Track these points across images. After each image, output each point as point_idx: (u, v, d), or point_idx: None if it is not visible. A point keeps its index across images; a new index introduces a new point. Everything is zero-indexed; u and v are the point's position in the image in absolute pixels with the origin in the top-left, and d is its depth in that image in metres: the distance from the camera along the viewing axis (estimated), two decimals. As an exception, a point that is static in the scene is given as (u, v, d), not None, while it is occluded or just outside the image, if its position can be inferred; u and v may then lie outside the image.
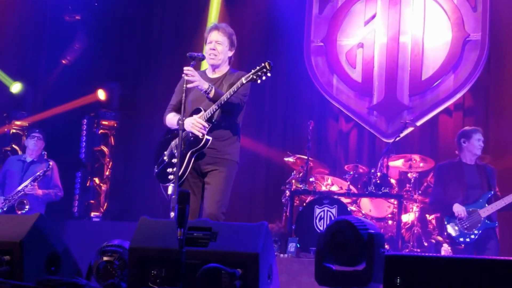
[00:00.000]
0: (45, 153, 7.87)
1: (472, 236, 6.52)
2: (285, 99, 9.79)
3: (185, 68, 4.97)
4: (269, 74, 4.83)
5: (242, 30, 10.08)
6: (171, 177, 5.01)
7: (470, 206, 6.57)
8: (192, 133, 4.97)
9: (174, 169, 4.96)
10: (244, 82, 4.85)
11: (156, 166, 5.24)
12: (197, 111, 5.08)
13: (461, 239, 6.57)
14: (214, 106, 4.95)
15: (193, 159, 4.98)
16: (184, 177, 4.98)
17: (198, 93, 5.10)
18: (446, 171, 6.89)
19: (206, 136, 4.95)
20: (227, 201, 5.06)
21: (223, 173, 5.02)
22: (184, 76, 4.96)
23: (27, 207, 7.46)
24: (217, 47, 5.18)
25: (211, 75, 5.27)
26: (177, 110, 5.24)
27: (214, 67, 5.25)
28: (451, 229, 6.61)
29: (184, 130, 4.94)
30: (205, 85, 4.93)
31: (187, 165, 4.97)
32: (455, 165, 6.87)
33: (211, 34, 5.21)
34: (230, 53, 5.28)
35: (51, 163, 7.71)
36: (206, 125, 4.94)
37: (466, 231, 6.54)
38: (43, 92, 10.31)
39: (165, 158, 5.17)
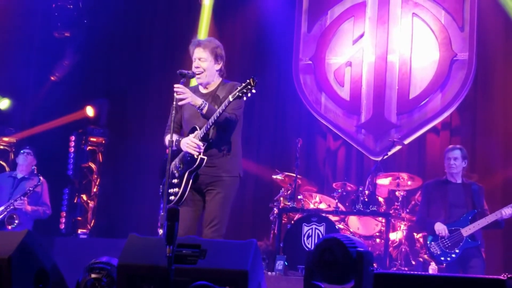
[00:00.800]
0: (35, 168, 7.87)
1: (453, 255, 6.54)
2: (273, 116, 9.82)
3: (175, 85, 4.95)
4: (254, 91, 4.81)
5: (231, 46, 10.11)
6: (172, 197, 4.99)
7: (452, 225, 6.60)
8: (188, 153, 4.96)
9: (175, 189, 4.98)
10: (231, 100, 4.82)
11: (161, 186, 5.19)
12: (193, 130, 5.06)
13: (442, 258, 6.60)
14: (207, 124, 4.92)
15: (191, 179, 4.97)
16: (184, 197, 4.97)
17: (192, 111, 5.09)
18: (431, 189, 6.93)
19: (201, 156, 4.93)
20: (225, 222, 5.04)
21: (221, 194, 5.01)
22: (174, 94, 4.94)
23: (16, 221, 7.45)
24: (201, 64, 5.14)
25: (203, 90, 5.23)
26: (175, 130, 5.17)
27: (204, 84, 5.22)
28: (433, 248, 6.64)
29: (176, 148, 4.94)
30: (198, 101, 4.92)
31: (185, 185, 4.96)
32: (440, 183, 6.92)
33: (194, 51, 5.17)
34: (218, 66, 5.22)
35: (41, 178, 7.71)
36: (201, 144, 4.92)
37: (447, 250, 6.57)
38: (31, 108, 10.28)
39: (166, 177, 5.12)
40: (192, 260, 3.62)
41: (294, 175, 8.09)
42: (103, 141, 10.04)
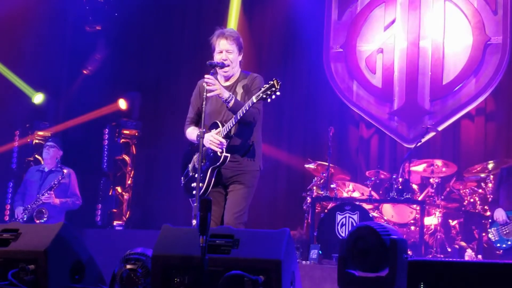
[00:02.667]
0: (58, 160, 7.89)
1: (509, 242, 6.43)
2: (304, 105, 9.79)
3: (206, 76, 4.92)
4: (278, 93, 4.70)
5: (261, 37, 10.14)
6: (194, 192, 4.95)
7: None
8: (211, 149, 4.96)
9: (200, 184, 4.90)
10: (254, 101, 4.73)
11: (182, 178, 5.26)
12: (214, 125, 5.04)
13: (499, 245, 6.51)
14: (230, 123, 4.89)
15: (214, 174, 4.97)
16: (208, 192, 4.97)
17: (214, 105, 5.08)
18: (503, 173, 6.78)
19: (224, 154, 4.92)
20: (246, 211, 5.03)
21: (243, 185, 5.01)
22: (204, 84, 4.91)
23: (45, 216, 7.50)
24: (228, 56, 5.05)
25: (223, 82, 5.16)
26: (196, 123, 5.24)
27: (229, 77, 5.16)
28: (491, 234, 6.54)
29: (198, 142, 4.94)
30: (226, 94, 4.88)
31: (209, 181, 4.96)
32: None
33: (219, 43, 5.08)
34: (240, 57, 5.13)
35: (65, 171, 7.71)
36: (224, 141, 4.90)
37: (505, 237, 6.46)
38: (65, 102, 10.40)
39: (189, 171, 5.18)
40: (225, 250, 3.63)
41: (327, 164, 8.06)
42: (136, 134, 10.10)
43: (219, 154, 4.92)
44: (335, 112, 9.69)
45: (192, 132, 5.18)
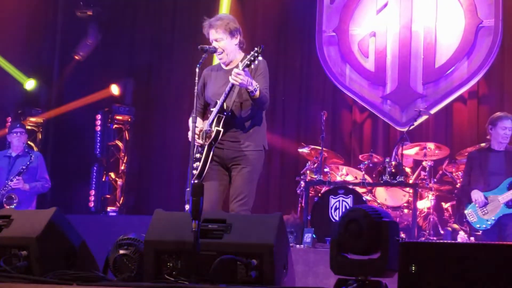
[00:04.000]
0: (25, 145, 7.80)
1: (489, 222, 6.48)
2: (298, 90, 9.79)
3: (236, 71, 4.78)
4: (260, 58, 4.79)
5: (254, 21, 10.11)
6: (194, 171, 4.96)
7: (491, 193, 6.52)
8: (209, 125, 4.95)
9: (197, 163, 4.96)
10: (240, 69, 4.77)
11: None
12: (216, 104, 5.00)
13: (478, 226, 6.54)
14: (226, 90, 4.88)
15: (211, 152, 4.95)
16: (206, 169, 4.95)
17: (215, 87, 5.06)
18: (473, 158, 6.82)
19: (217, 128, 4.91)
20: (252, 196, 5.03)
21: (247, 168, 4.98)
22: (232, 81, 4.79)
23: (15, 201, 7.41)
24: (218, 45, 5.05)
25: (225, 67, 5.16)
26: (201, 114, 5.20)
27: (227, 62, 5.14)
28: (470, 216, 6.57)
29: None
30: (251, 85, 4.79)
31: (205, 159, 4.94)
32: (483, 152, 6.81)
33: (209, 34, 5.09)
34: (236, 41, 5.10)
35: (32, 155, 7.61)
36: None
37: (484, 217, 6.50)
38: (57, 88, 10.37)
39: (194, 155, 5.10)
40: (217, 234, 3.63)
41: (320, 148, 8.07)
42: (129, 119, 10.08)
43: (213, 128, 4.91)
44: (328, 96, 9.69)
45: (190, 122, 5.05)
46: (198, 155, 4.99)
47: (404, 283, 3.07)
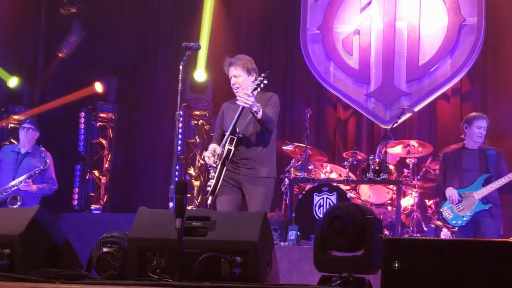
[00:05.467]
0: (43, 149, 7.57)
1: (465, 219, 6.54)
2: (282, 87, 9.79)
3: (245, 92, 5.13)
4: (265, 82, 5.22)
5: (238, 19, 10.12)
6: (208, 188, 5.40)
7: (465, 190, 6.58)
8: (222, 146, 5.33)
9: (211, 181, 5.37)
10: (249, 91, 5.14)
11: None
12: (229, 134, 5.36)
13: (454, 222, 6.60)
14: (237, 114, 5.28)
15: (224, 169, 5.32)
16: (218, 186, 5.32)
17: (231, 119, 5.37)
18: (448, 157, 6.89)
19: (228, 147, 5.28)
20: None
21: (261, 197, 5.35)
22: (241, 102, 5.12)
23: (18, 203, 7.31)
24: (237, 80, 5.45)
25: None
26: (218, 142, 5.53)
27: None
28: (446, 212, 6.64)
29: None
30: (254, 107, 5.15)
31: (218, 175, 5.32)
32: (457, 151, 6.88)
33: (229, 71, 5.51)
34: (252, 78, 5.47)
35: (48, 160, 7.49)
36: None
37: (460, 214, 6.56)
38: (40, 86, 10.31)
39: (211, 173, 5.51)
40: (201, 232, 3.63)
41: (304, 145, 8.09)
42: (113, 117, 10.02)
43: (225, 148, 5.29)
44: (313, 93, 9.71)
45: (210, 147, 5.53)
46: (212, 174, 5.40)
47: (388, 280, 3.09)
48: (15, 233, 3.78)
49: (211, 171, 5.47)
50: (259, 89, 5.23)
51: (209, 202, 5.44)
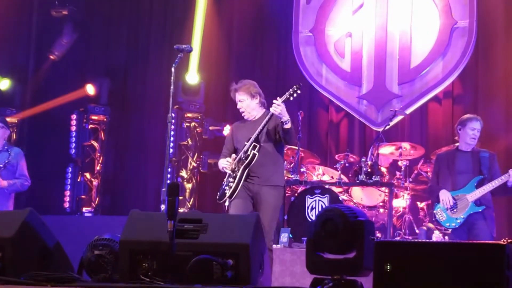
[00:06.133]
0: (5, 141, 7.43)
1: (458, 221, 6.54)
2: (274, 89, 9.74)
3: (275, 102, 5.51)
4: (299, 92, 5.68)
5: (230, 21, 10.12)
6: (226, 192, 5.70)
7: (459, 192, 6.58)
8: (244, 152, 5.63)
9: (230, 184, 5.68)
10: (280, 101, 5.51)
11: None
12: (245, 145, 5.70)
13: (447, 224, 6.60)
14: (261, 126, 5.60)
15: (245, 174, 5.63)
16: (238, 189, 5.63)
17: (244, 134, 5.77)
18: (441, 159, 6.89)
19: (253, 152, 5.60)
20: (274, 228, 5.83)
21: (271, 205, 5.66)
22: (273, 110, 5.51)
23: None
24: (242, 105, 5.86)
25: (253, 119, 5.89)
26: (226, 156, 5.89)
27: (251, 118, 5.89)
28: (439, 214, 6.64)
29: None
30: (285, 116, 5.53)
31: (239, 179, 5.64)
32: (450, 153, 6.88)
33: (235, 97, 5.90)
34: (256, 101, 5.86)
35: (11, 152, 7.32)
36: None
37: (453, 216, 6.56)
38: (31, 88, 10.27)
39: (225, 181, 5.81)
40: (193, 234, 3.63)
41: (297, 148, 8.08)
42: (105, 119, 10.02)
43: (249, 152, 5.61)
44: (305, 96, 9.69)
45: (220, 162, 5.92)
46: (231, 179, 5.72)
47: (379, 282, 3.09)
48: (6, 236, 3.77)
49: (226, 177, 5.77)
50: (291, 99, 5.62)
51: (226, 204, 5.72)
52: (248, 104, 5.85)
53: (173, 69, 5.07)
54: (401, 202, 8.01)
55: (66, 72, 10.12)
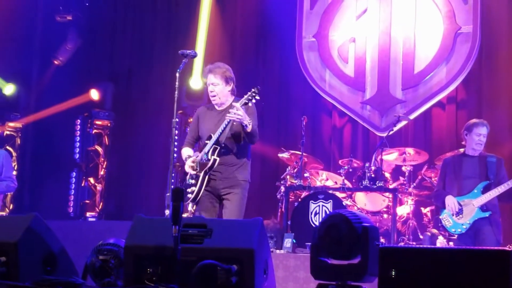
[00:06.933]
0: None
1: (464, 227, 6.52)
2: (278, 95, 9.80)
3: (235, 104, 5.32)
4: (257, 97, 5.41)
5: (233, 26, 10.13)
6: (189, 195, 5.53)
7: (465, 197, 6.56)
8: (205, 154, 5.47)
9: (192, 188, 5.53)
10: (238, 106, 5.29)
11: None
12: (209, 138, 5.53)
13: (453, 230, 6.58)
14: (222, 125, 5.42)
15: (206, 178, 5.50)
16: (200, 194, 5.51)
17: (208, 124, 5.61)
18: (448, 164, 6.87)
19: (213, 157, 5.45)
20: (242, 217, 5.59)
21: (238, 195, 5.54)
22: (231, 116, 5.31)
23: None
24: (214, 88, 5.60)
25: (218, 108, 5.70)
26: (191, 145, 5.82)
27: (219, 104, 5.69)
28: (445, 220, 6.61)
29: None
30: (246, 120, 5.35)
31: (201, 184, 5.50)
32: (457, 157, 6.86)
33: (207, 78, 5.65)
34: (229, 87, 5.64)
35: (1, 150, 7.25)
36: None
37: (459, 222, 6.54)
38: (36, 93, 10.30)
39: (187, 179, 5.65)
40: (198, 239, 3.64)
41: (300, 153, 8.08)
42: (109, 124, 10.04)
43: (209, 157, 5.46)
44: (308, 101, 9.71)
45: (184, 152, 5.77)
46: (192, 181, 5.55)
47: (384, 288, 3.09)
48: (11, 241, 3.78)
49: (188, 177, 5.60)
50: (250, 104, 5.40)
51: (190, 208, 5.79)
52: (221, 89, 5.64)
53: (177, 75, 5.09)
54: (405, 208, 8.00)
55: (71, 77, 10.14)
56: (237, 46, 10.09)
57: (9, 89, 9.79)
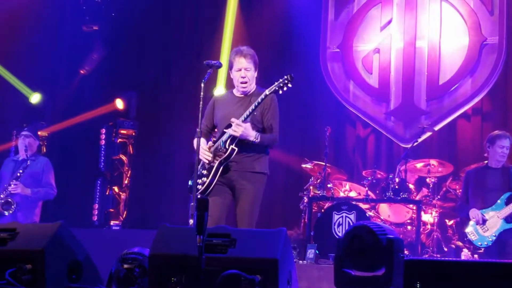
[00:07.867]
0: (34, 151, 7.49)
1: (490, 239, 6.46)
2: (301, 105, 9.80)
3: (232, 120, 5.04)
4: (290, 85, 5.02)
5: (258, 37, 10.14)
6: (199, 187, 5.19)
7: (489, 209, 6.51)
8: (223, 143, 5.12)
9: (203, 179, 5.18)
10: (267, 93, 5.01)
11: (190, 181, 5.39)
12: (228, 126, 5.15)
13: (479, 243, 6.53)
14: (245, 114, 5.06)
15: (221, 169, 5.13)
16: (212, 185, 5.14)
17: (227, 110, 5.25)
18: (470, 176, 6.83)
19: (232, 147, 5.09)
20: (255, 217, 5.23)
21: (251, 191, 5.18)
22: (233, 132, 5.02)
23: (13, 207, 7.09)
24: (247, 74, 5.24)
25: (238, 94, 5.36)
26: (205, 135, 5.38)
27: (246, 92, 5.32)
28: (471, 234, 6.56)
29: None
30: (252, 134, 5.05)
31: (214, 175, 5.13)
32: (480, 170, 6.82)
33: (238, 61, 5.26)
34: (256, 74, 5.33)
35: (29, 162, 7.27)
36: (240, 123, 5.02)
37: (484, 235, 6.49)
38: (62, 102, 10.40)
39: (200, 169, 5.28)
40: (222, 249, 3.64)
41: (324, 163, 8.08)
42: (133, 133, 10.09)
43: (227, 147, 5.09)
44: (332, 111, 9.70)
45: (196, 143, 5.25)
46: (205, 172, 5.19)
47: (409, 300, 3.07)
48: (37, 248, 3.81)
49: (199, 167, 5.23)
50: (280, 92, 5.07)
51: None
52: (253, 75, 5.26)
53: (202, 85, 5.09)
54: (429, 219, 7.95)
55: (96, 87, 10.23)
56: (262, 56, 10.06)
57: (36, 98, 9.90)
